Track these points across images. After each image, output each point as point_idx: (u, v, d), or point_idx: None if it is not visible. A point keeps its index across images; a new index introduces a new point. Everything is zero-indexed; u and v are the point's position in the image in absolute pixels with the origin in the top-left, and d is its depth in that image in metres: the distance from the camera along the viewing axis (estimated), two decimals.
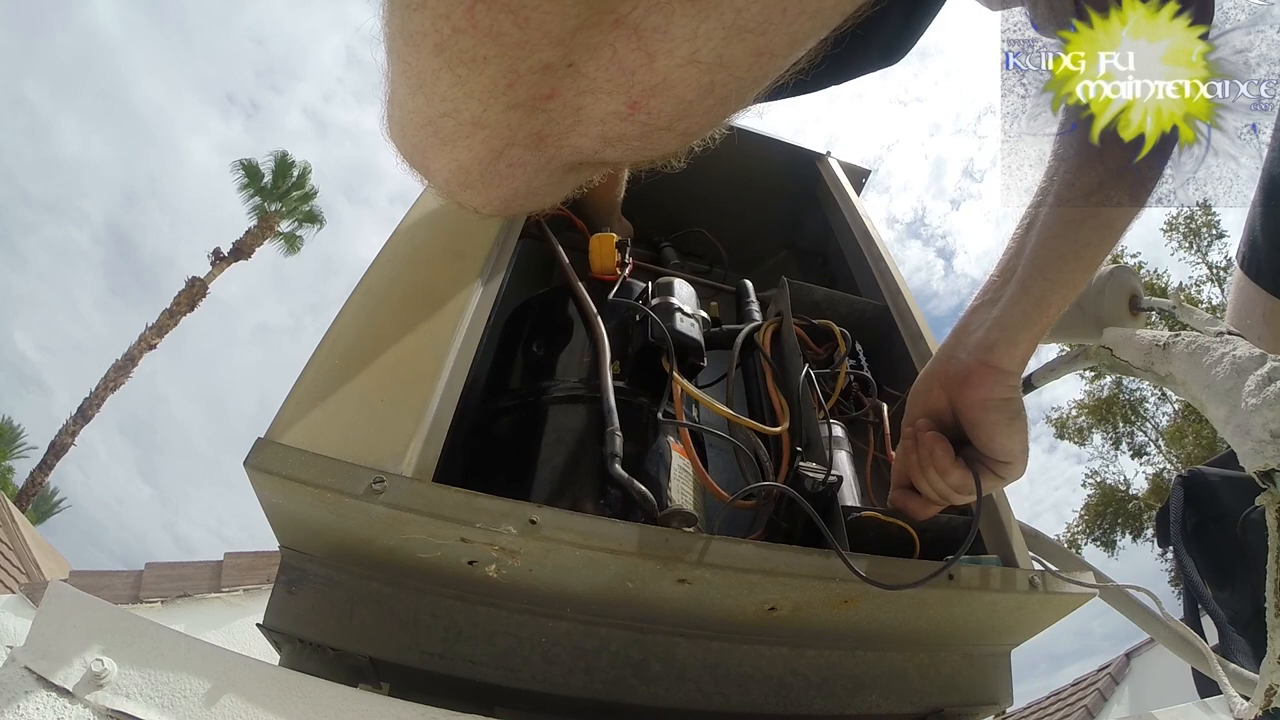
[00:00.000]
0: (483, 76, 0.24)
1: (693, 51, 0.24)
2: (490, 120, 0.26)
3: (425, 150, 0.29)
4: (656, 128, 0.27)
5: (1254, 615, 0.74)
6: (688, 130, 0.28)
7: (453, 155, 0.28)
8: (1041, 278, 0.46)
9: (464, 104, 0.25)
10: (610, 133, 0.27)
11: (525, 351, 0.63)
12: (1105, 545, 9.83)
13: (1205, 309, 0.82)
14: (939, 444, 0.48)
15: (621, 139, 0.27)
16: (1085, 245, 0.45)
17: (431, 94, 0.25)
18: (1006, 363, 0.46)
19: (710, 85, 0.26)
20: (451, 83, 0.24)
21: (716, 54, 0.25)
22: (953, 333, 0.51)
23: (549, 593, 0.44)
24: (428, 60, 0.24)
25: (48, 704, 0.31)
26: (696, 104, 0.26)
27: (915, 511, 0.51)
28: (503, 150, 0.27)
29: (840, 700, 0.50)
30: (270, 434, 0.41)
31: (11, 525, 3.99)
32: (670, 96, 0.26)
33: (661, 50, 0.24)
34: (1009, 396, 0.47)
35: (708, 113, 0.27)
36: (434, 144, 0.28)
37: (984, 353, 0.47)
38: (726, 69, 0.25)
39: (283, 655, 0.46)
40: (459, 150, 0.27)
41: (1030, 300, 0.46)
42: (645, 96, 0.25)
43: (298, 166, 10.40)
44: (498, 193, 0.30)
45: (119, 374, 9.60)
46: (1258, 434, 0.44)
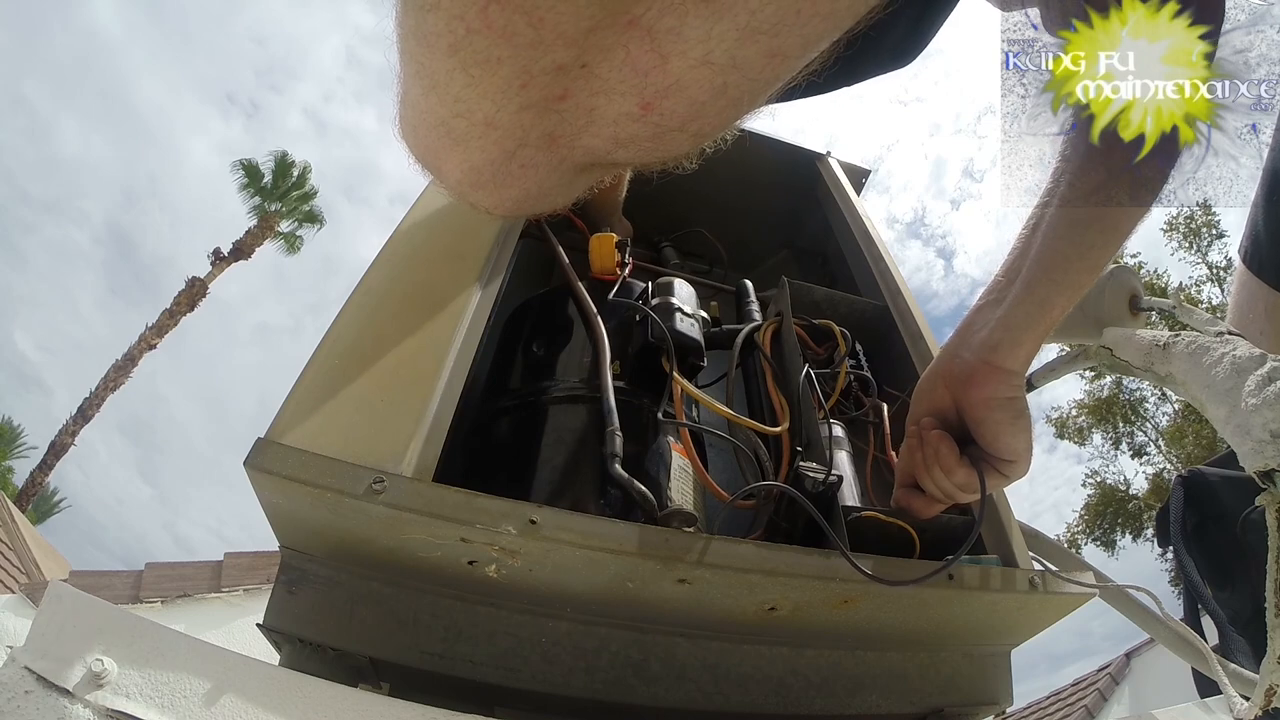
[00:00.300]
0: (496, 77, 0.24)
1: (706, 53, 0.24)
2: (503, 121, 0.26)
3: (438, 151, 0.29)
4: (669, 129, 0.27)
5: (1254, 615, 0.74)
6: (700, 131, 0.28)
7: (465, 156, 0.28)
8: (1046, 279, 0.46)
9: (477, 104, 0.25)
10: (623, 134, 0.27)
11: (525, 351, 0.63)
12: (1105, 545, 9.83)
13: (1205, 309, 0.82)
14: (944, 442, 0.48)
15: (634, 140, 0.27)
16: (1090, 247, 0.45)
17: (445, 95, 0.25)
18: (1010, 362, 0.46)
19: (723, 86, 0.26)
20: (465, 83, 0.24)
21: (730, 55, 0.25)
22: (957, 332, 0.51)
23: (549, 593, 0.44)
24: (441, 61, 0.24)
25: (48, 704, 0.31)
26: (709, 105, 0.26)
27: (919, 510, 0.51)
28: (515, 151, 0.27)
29: (840, 700, 0.50)
30: (270, 434, 0.41)
31: (11, 525, 3.99)
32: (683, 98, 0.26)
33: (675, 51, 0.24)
34: (1013, 396, 0.47)
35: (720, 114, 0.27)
36: (447, 144, 0.28)
37: (988, 352, 0.47)
38: (739, 70, 0.25)
39: (283, 655, 0.46)
40: (472, 151, 0.27)
41: (1034, 301, 0.46)
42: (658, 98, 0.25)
43: (298, 166, 10.41)
44: (510, 193, 0.30)
45: (119, 374, 9.60)
46: (1258, 434, 0.44)
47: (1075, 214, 0.45)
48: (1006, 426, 0.47)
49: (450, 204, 0.65)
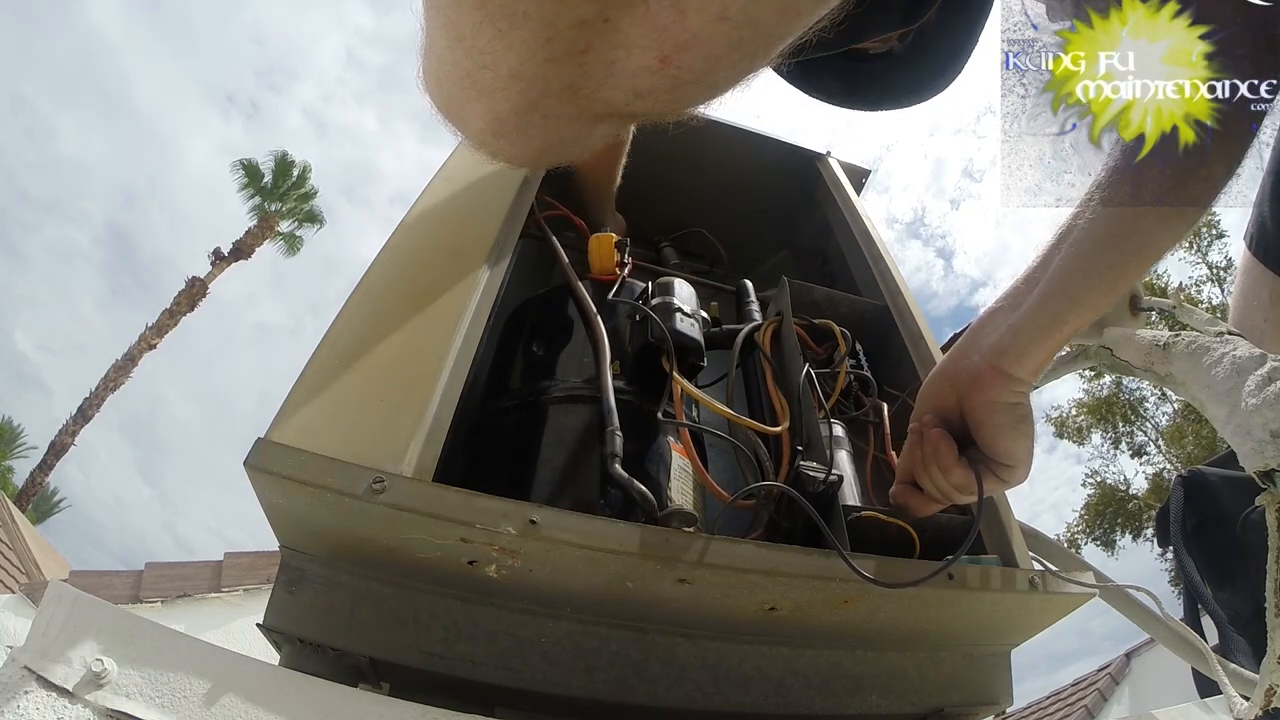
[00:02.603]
0: (523, 31, 0.25)
1: (723, 9, 0.26)
2: (528, 73, 0.27)
3: (462, 102, 0.30)
4: (685, 82, 0.28)
5: (1254, 615, 0.74)
6: (715, 84, 0.29)
7: (490, 106, 0.29)
8: (1062, 294, 0.46)
9: (503, 57, 0.26)
10: (641, 86, 0.28)
11: (525, 351, 0.63)
12: (1105, 545, 9.83)
13: (1205, 309, 0.82)
14: (943, 441, 0.48)
15: (652, 92, 0.29)
16: (1109, 268, 0.45)
17: (471, 47, 0.26)
18: (1017, 369, 0.46)
19: (739, 41, 0.27)
20: (492, 36, 0.25)
21: (745, 11, 0.26)
22: (968, 333, 0.51)
23: (549, 593, 0.44)
24: (469, 14, 0.25)
25: (48, 704, 0.31)
26: (724, 59, 0.28)
27: (916, 508, 0.51)
28: (538, 101, 0.28)
29: (840, 700, 0.50)
30: (270, 434, 0.41)
31: (11, 525, 3.99)
32: (700, 52, 0.27)
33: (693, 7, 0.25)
34: (1016, 402, 0.47)
35: (734, 67, 0.29)
36: (471, 95, 0.29)
37: (996, 357, 0.47)
38: (754, 26, 0.27)
39: (283, 655, 0.46)
40: (496, 101, 0.28)
41: (1048, 314, 0.46)
42: (676, 51, 0.27)
43: (298, 166, 10.41)
44: (532, 143, 0.31)
45: (119, 374, 9.60)
46: (1258, 434, 0.44)
47: (1101, 232, 0.45)
48: (1007, 431, 0.47)
49: (450, 204, 0.65)
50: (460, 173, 0.69)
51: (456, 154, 0.72)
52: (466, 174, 0.69)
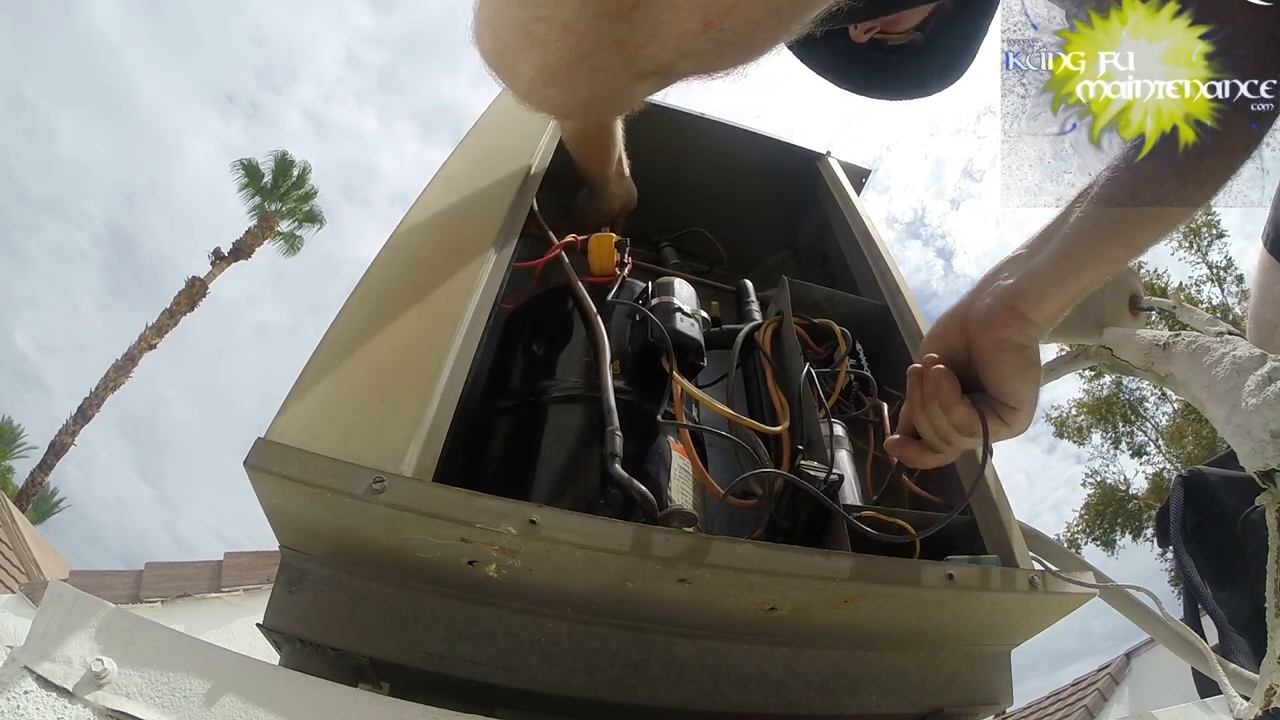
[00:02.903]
0: None
1: None
2: (580, 26, 0.29)
3: (515, 50, 0.32)
4: (726, 44, 0.30)
5: (1254, 615, 0.74)
6: (755, 47, 0.31)
7: (541, 56, 0.31)
8: (1084, 243, 0.45)
9: (557, 10, 0.29)
10: (686, 47, 0.30)
11: (525, 351, 0.63)
12: (1105, 545, 9.83)
13: (1205, 309, 0.82)
14: (946, 378, 0.48)
15: (695, 53, 0.31)
16: (1130, 226, 0.45)
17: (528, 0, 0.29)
18: (1033, 313, 0.46)
19: (777, 7, 0.29)
20: None
21: None
22: (981, 280, 0.51)
23: (549, 593, 0.44)
24: None
25: (48, 704, 0.31)
26: (764, 23, 0.30)
27: (911, 458, 0.51)
28: (589, 53, 0.30)
29: (840, 700, 0.50)
30: (270, 434, 0.41)
31: (11, 525, 3.99)
32: (741, 17, 0.29)
33: None
34: (1027, 344, 0.47)
35: (773, 30, 0.31)
36: (524, 44, 0.31)
37: (1012, 297, 0.47)
38: None
39: (283, 655, 0.46)
40: (548, 51, 0.30)
41: (1068, 259, 0.46)
42: (719, 16, 0.29)
43: (298, 166, 10.42)
44: (579, 93, 0.33)
45: (119, 374, 9.60)
46: (1258, 434, 0.44)
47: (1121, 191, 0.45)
48: (1017, 370, 0.46)
49: (450, 204, 0.65)
50: (460, 173, 0.69)
51: (457, 154, 0.72)
52: (467, 174, 0.69)
